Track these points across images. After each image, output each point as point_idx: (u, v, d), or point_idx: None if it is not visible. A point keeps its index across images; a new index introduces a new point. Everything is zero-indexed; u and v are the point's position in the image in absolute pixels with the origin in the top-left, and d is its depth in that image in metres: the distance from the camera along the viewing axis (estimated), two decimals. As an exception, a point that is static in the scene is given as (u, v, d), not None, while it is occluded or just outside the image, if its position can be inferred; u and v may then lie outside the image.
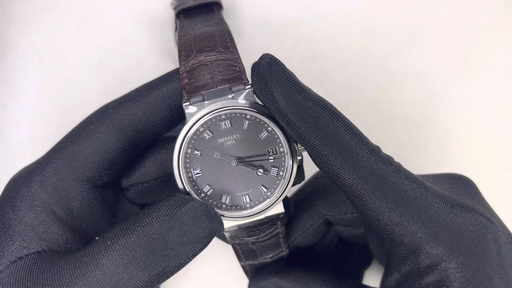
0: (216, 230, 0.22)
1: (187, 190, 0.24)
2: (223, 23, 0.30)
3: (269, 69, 0.22)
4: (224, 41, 0.26)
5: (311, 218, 0.30)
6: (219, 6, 0.37)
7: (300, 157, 0.24)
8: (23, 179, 0.25)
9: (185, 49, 0.27)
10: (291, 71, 0.24)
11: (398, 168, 0.23)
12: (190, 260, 0.21)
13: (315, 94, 0.24)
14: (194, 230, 0.21)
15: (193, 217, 0.21)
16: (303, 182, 0.28)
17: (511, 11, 0.46)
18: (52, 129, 0.44)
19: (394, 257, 0.24)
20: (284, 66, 0.23)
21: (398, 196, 0.23)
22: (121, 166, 0.26)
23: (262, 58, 0.23)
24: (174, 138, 0.24)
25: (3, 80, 0.46)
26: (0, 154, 0.44)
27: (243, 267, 0.31)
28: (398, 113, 0.43)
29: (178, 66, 0.45)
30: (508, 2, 0.46)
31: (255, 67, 0.23)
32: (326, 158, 0.22)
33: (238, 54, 0.25)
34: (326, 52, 0.45)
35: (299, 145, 0.24)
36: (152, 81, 0.26)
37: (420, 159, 0.42)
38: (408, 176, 0.23)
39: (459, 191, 0.26)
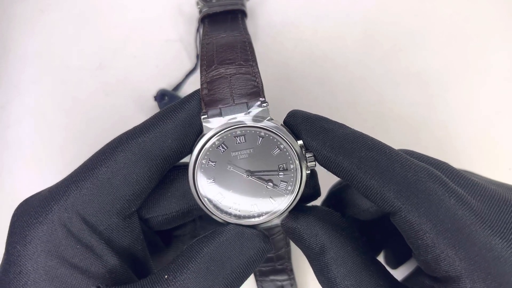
0: (270, 250, 0.23)
1: (200, 197, 0.25)
2: (245, 33, 0.31)
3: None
4: (245, 54, 0.27)
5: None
6: (243, 14, 0.38)
7: (308, 172, 0.25)
8: (43, 215, 0.22)
9: (206, 59, 0.27)
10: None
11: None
12: (247, 278, 0.23)
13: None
14: (253, 252, 0.23)
15: (253, 243, 0.23)
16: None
17: (511, 11, 0.46)
18: (52, 130, 0.44)
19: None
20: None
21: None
22: (147, 195, 0.25)
23: None
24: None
25: (4, 80, 0.46)
26: (0, 154, 0.44)
27: None
28: (398, 113, 0.43)
29: (179, 65, 0.46)
30: (508, 2, 0.46)
31: None
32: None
33: (257, 67, 0.26)
34: (326, 53, 0.45)
35: (309, 163, 0.25)
36: (174, 104, 0.25)
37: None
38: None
39: None
